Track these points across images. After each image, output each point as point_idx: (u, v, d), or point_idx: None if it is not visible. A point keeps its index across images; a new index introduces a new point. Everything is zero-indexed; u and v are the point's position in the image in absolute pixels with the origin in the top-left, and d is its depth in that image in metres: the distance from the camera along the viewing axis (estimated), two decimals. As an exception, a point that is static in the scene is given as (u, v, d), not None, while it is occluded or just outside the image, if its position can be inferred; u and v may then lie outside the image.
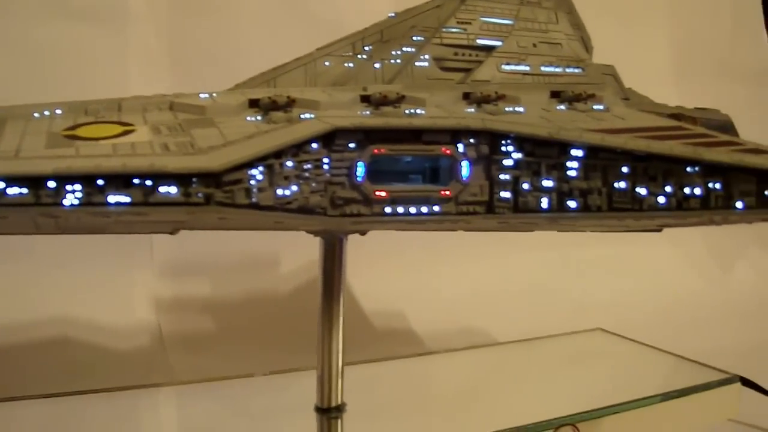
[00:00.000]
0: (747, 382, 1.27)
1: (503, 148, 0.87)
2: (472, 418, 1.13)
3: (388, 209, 0.86)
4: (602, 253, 1.91)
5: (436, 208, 0.87)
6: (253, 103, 0.88)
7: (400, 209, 0.86)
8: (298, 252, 1.65)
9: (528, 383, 1.29)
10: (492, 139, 0.87)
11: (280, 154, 0.79)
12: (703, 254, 2.15)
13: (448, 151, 0.86)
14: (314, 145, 0.83)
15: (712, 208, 0.87)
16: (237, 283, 1.62)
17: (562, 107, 0.99)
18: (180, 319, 1.55)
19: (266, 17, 1.66)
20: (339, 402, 1.06)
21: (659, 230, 1.17)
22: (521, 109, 0.95)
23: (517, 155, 0.87)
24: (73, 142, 0.78)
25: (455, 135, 0.87)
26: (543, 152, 0.87)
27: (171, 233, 0.90)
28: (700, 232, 2.15)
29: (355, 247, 1.67)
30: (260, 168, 0.78)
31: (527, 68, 1.03)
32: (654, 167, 0.86)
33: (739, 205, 0.86)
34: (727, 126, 1.29)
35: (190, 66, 1.57)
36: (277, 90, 0.93)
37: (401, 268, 1.73)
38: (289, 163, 0.80)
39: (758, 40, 2.38)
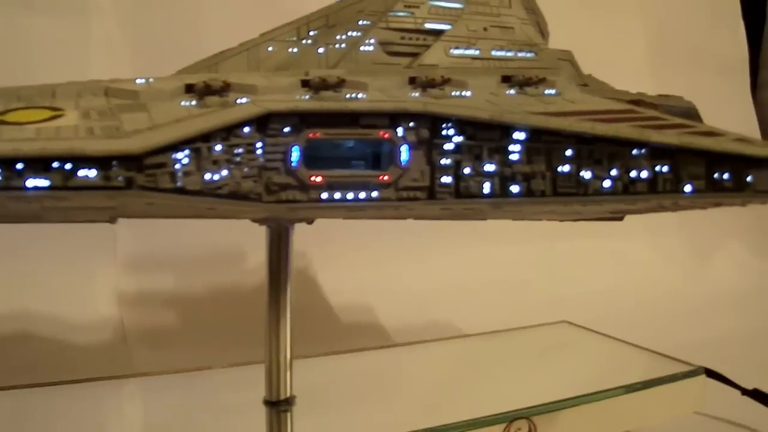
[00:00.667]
0: (713, 374, 1.25)
1: (444, 132, 0.85)
2: (425, 412, 1.11)
3: (324, 195, 0.83)
4: (578, 246, 1.89)
5: (374, 194, 0.84)
6: (189, 88, 0.85)
7: (337, 195, 0.84)
8: (263, 245, 1.64)
9: (490, 376, 1.27)
10: (433, 122, 0.85)
11: (208, 137, 0.77)
12: (680, 247, 2.13)
13: (386, 135, 0.84)
14: (246, 129, 0.80)
15: (659, 192, 0.85)
16: (201, 277, 1.59)
17: (512, 92, 0.96)
18: (143, 313, 1.53)
19: (231, 6, 1.64)
20: (288, 395, 1.04)
21: (620, 219, 1.15)
22: (468, 94, 0.93)
23: (458, 139, 0.85)
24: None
25: (394, 119, 0.84)
26: (484, 136, 0.84)
27: (110, 222, 0.88)
28: (678, 224, 2.13)
29: (322, 240, 1.66)
30: (186, 151, 0.76)
31: (477, 52, 1.01)
32: (599, 150, 0.84)
33: (687, 188, 0.84)
34: (691, 113, 1.26)
35: (153, 57, 1.55)
36: (213, 74, 0.90)
37: (369, 261, 1.71)
38: (218, 147, 0.78)
39: (735, 29, 2.36)
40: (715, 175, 0.84)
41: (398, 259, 1.74)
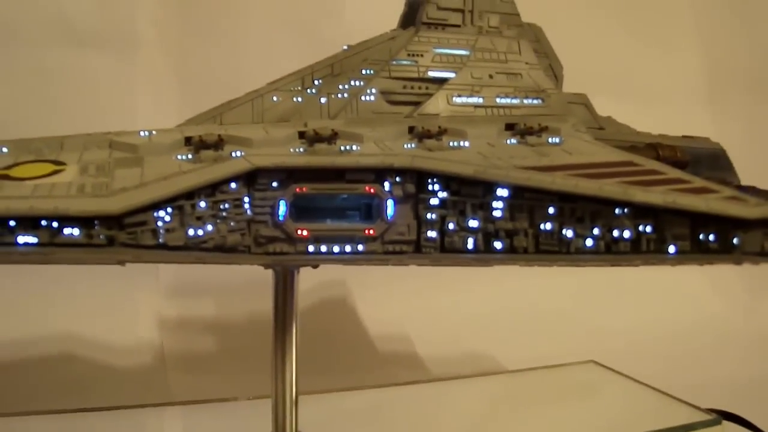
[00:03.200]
0: (735, 418, 1.21)
1: (430, 187, 0.86)
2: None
3: (311, 248, 0.85)
4: (623, 277, 1.83)
5: (360, 247, 0.86)
6: (187, 141, 0.89)
7: (324, 248, 0.86)
8: (303, 275, 1.66)
9: (512, 417, 1.26)
10: (419, 177, 0.86)
11: (192, 195, 0.81)
12: (733, 280, 2.04)
13: (371, 190, 0.85)
14: (233, 185, 0.84)
15: (643, 252, 0.83)
16: (241, 305, 1.63)
17: (513, 141, 0.96)
18: (182, 340, 1.58)
19: (275, 41, 1.68)
20: (294, 431, 1.07)
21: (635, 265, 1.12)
22: (466, 144, 0.93)
23: (443, 194, 0.86)
24: (2, 182, 0.81)
25: (381, 173, 0.86)
26: (469, 191, 0.85)
27: (119, 264, 0.92)
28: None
29: (361, 270, 1.67)
30: (168, 209, 0.79)
31: (480, 100, 1.01)
32: (582, 208, 0.83)
33: (671, 249, 0.82)
34: (717, 155, 1.23)
35: (199, 90, 1.59)
36: (212, 128, 0.93)
37: (408, 291, 1.71)
38: (203, 204, 0.81)
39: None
40: (701, 236, 0.81)
41: (437, 290, 1.73)
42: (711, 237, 0.81)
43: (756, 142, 2.06)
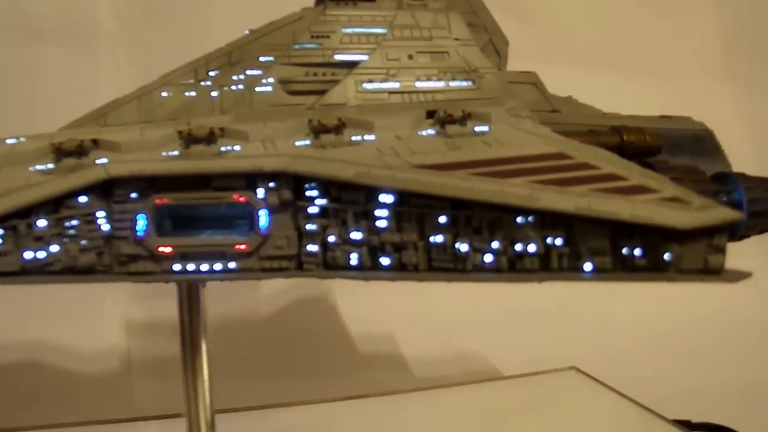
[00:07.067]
0: (716, 429, 1.08)
1: (308, 193, 0.74)
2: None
3: (176, 266, 0.75)
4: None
5: (232, 265, 0.75)
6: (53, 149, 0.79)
7: (191, 266, 0.75)
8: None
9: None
10: (296, 181, 0.74)
11: (28, 213, 0.71)
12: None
13: (242, 199, 0.74)
14: (82, 199, 0.74)
15: (554, 270, 0.68)
16: (213, 306, 1.54)
17: (431, 131, 0.83)
18: (150, 344, 1.50)
19: (238, 32, 1.57)
20: (212, 455, 0.98)
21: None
22: (372, 138, 0.81)
23: (323, 201, 0.74)
24: None
25: (253, 178, 0.74)
26: (350, 197, 0.72)
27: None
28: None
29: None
30: None
31: (396, 85, 0.88)
32: (479, 216, 0.69)
33: (587, 266, 0.66)
34: (701, 137, 1.06)
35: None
36: (84, 131, 0.83)
37: (393, 287, 1.59)
38: (42, 223, 0.71)
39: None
40: (624, 251, 0.65)
41: (424, 286, 1.60)
42: (636, 252, 0.65)
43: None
